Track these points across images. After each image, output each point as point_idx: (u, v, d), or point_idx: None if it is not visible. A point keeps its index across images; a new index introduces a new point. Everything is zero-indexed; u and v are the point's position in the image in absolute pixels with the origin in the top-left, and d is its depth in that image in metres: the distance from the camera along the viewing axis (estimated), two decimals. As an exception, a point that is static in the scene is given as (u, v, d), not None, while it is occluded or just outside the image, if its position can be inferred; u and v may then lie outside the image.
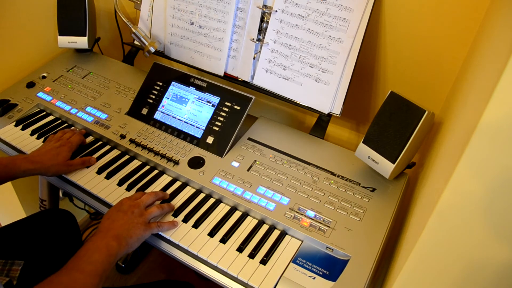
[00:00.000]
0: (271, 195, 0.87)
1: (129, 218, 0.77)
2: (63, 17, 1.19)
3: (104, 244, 0.71)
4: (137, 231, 0.76)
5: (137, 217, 0.78)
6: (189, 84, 1.04)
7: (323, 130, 1.02)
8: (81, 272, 0.65)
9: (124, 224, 0.76)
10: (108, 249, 0.70)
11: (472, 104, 0.54)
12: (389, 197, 0.86)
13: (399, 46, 1.00)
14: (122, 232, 0.74)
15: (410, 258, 0.54)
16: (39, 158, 0.90)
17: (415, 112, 0.78)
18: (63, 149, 0.94)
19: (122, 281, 1.50)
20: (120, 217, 0.77)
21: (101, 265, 0.67)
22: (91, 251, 0.69)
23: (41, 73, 1.22)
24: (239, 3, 1.04)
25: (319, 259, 0.77)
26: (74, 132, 1.02)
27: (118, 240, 0.72)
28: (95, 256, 0.68)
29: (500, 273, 0.48)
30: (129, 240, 0.74)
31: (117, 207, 0.80)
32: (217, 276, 0.76)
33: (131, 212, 0.78)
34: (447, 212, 0.48)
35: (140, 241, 0.77)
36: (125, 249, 0.73)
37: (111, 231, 0.73)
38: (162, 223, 0.82)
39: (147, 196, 0.84)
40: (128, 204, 0.80)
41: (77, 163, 0.94)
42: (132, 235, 0.75)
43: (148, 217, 0.80)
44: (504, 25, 0.56)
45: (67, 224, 1.10)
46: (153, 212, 0.81)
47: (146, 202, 0.82)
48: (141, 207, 0.80)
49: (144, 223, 0.78)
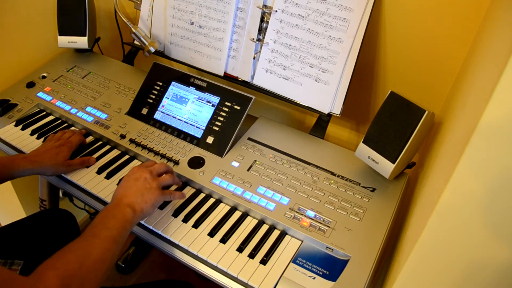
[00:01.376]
0: (271, 195, 0.87)
1: (142, 184, 0.77)
2: (63, 17, 1.19)
3: (119, 211, 0.71)
4: (151, 196, 0.76)
5: (150, 182, 0.78)
6: (189, 84, 1.04)
7: (323, 130, 1.02)
8: (97, 237, 0.65)
9: (138, 190, 0.76)
10: (123, 215, 0.71)
11: (472, 104, 0.54)
12: (389, 197, 0.86)
13: (399, 46, 1.00)
14: (137, 198, 0.74)
15: (410, 258, 0.54)
16: (38, 158, 0.90)
17: (415, 112, 0.78)
18: (63, 148, 0.94)
19: (122, 281, 1.50)
20: (132, 183, 0.77)
21: (116, 230, 0.68)
22: (107, 218, 0.69)
23: (41, 73, 1.22)
24: (239, 3, 1.04)
25: (319, 259, 0.77)
26: (74, 132, 1.02)
27: (133, 207, 0.73)
28: (111, 223, 0.69)
29: (500, 273, 0.48)
30: (143, 205, 0.74)
31: (129, 175, 0.80)
32: (217, 276, 0.76)
33: (143, 178, 0.78)
34: (447, 212, 0.48)
35: (155, 207, 0.78)
36: (140, 215, 0.74)
37: (124, 198, 0.74)
38: (174, 192, 0.83)
39: (159, 165, 0.84)
40: (141, 171, 0.80)
41: (76, 163, 0.94)
42: (147, 200, 0.75)
43: (162, 183, 0.81)
44: (504, 25, 0.56)
45: (67, 224, 1.10)
46: (165, 179, 0.82)
47: (158, 170, 0.83)
48: (154, 173, 0.81)
49: (158, 188, 0.79)
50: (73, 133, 1.00)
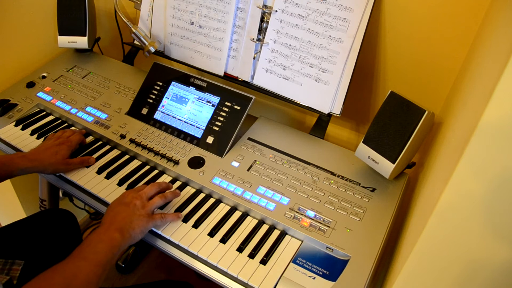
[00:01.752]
0: (271, 195, 0.87)
1: (132, 211, 0.77)
2: (63, 17, 1.19)
3: (107, 236, 0.71)
4: (140, 222, 0.76)
5: (140, 209, 0.78)
6: (189, 84, 1.04)
7: (323, 130, 1.02)
8: (85, 260, 0.66)
9: (127, 216, 0.76)
10: (111, 241, 0.71)
11: (472, 104, 0.54)
12: (389, 197, 0.86)
13: (399, 46, 1.00)
14: (125, 225, 0.74)
15: (410, 258, 0.54)
16: (37, 156, 0.90)
17: (415, 112, 0.78)
18: (62, 147, 0.93)
19: (122, 281, 1.50)
20: (122, 209, 0.77)
21: (104, 255, 0.68)
22: (95, 242, 0.70)
23: (41, 73, 1.22)
24: (239, 3, 1.04)
25: (319, 259, 0.77)
26: (74, 131, 1.02)
27: (121, 232, 0.73)
28: (99, 247, 0.69)
29: (500, 273, 0.48)
30: (131, 232, 0.74)
31: (119, 200, 0.80)
32: (217, 276, 0.76)
33: (133, 204, 0.78)
34: (447, 212, 0.48)
35: (143, 233, 0.77)
36: (128, 241, 0.74)
37: (114, 224, 0.74)
38: (165, 215, 0.82)
39: (149, 187, 0.83)
40: (131, 196, 0.80)
41: (76, 162, 0.94)
42: (135, 227, 0.75)
43: (151, 208, 0.80)
44: (504, 25, 0.56)
45: (67, 224, 1.10)
46: (155, 202, 0.81)
47: (149, 193, 0.82)
48: (144, 198, 0.80)
49: (147, 215, 0.78)
50: (73, 133, 1.00)
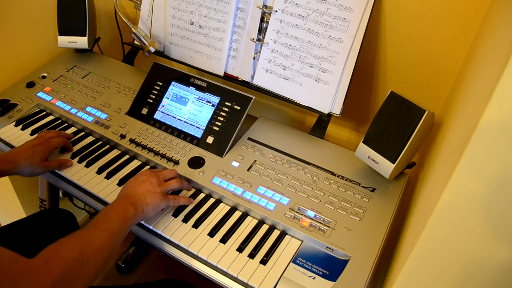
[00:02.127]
0: (271, 195, 0.87)
1: (147, 187, 0.80)
2: (63, 17, 1.19)
3: (121, 208, 0.75)
4: (154, 200, 0.79)
5: (156, 186, 0.81)
6: (189, 84, 1.04)
7: (323, 130, 1.02)
8: (100, 229, 0.69)
9: (142, 193, 0.79)
10: (125, 213, 0.74)
11: (472, 104, 0.54)
12: (389, 197, 0.86)
13: (399, 46, 1.00)
14: (139, 200, 0.77)
15: (410, 258, 0.54)
16: (13, 158, 0.88)
17: (415, 112, 0.78)
18: (39, 148, 0.91)
19: (122, 281, 1.50)
20: (138, 185, 0.80)
21: (118, 226, 0.71)
22: (110, 214, 0.73)
23: (41, 73, 1.22)
24: (239, 3, 1.04)
25: (319, 259, 0.77)
26: (59, 134, 0.99)
27: (135, 206, 0.76)
28: (114, 218, 0.72)
29: (500, 273, 0.48)
30: (145, 207, 0.77)
31: (137, 176, 0.83)
32: (217, 276, 0.76)
33: (149, 182, 0.81)
34: (447, 212, 0.48)
35: (156, 210, 0.80)
36: (141, 215, 0.77)
37: (128, 198, 0.77)
38: (179, 197, 0.85)
39: (168, 171, 0.87)
40: (149, 174, 0.83)
41: (53, 164, 0.93)
42: (149, 202, 0.78)
43: (166, 188, 0.83)
44: (504, 25, 0.56)
45: (67, 224, 1.10)
46: (171, 184, 0.84)
47: (166, 175, 0.85)
48: (160, 178, 0.83)
49: (162, 193, 0.81)
50: (58, 135, 0.98)
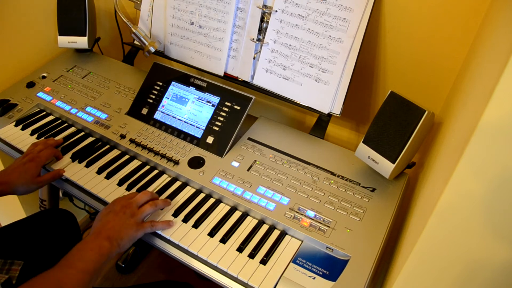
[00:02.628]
0: (271, 195, 0.87)
1: (121, 219, 0.77)
2: (63, 17, 1.19)
3: (96, 244, 0.71)
4: (129, 231, 0.76)
5: (129, 217, 0.78)
6: (189, 84, 1.04)
7: (323, 130, 1.02)
8: (73, 268, 0.66)
9: (116, 225, 0.76)
10: (100, 249, 0.71)
11: (472, 104, 0.54)
12: (389, 197, 0.86)
13: (399, 46, 1.00)
14: (114, 233, 0.74)
15: (410, 258, 0.54)
16: (6, 178, 0.86)
17: (415, 112, 0.78)
18: (30, 165, 0.90)
19: (122, 281, 1.50)
20: (111, 218, 0.77)
21: (92, 263, 0.68)
22: (84, 251, 0.70)
23: (41, 73, 1.22)
24: (239, 3, 1.04)
25: (319, 259, 0.77)
26: (47, 144, 0.97)
27: (110, 241, 0.73)
28: (88, 255, 0.69)
29: (500, 273, 0.48)
30: (120, 241, 0.74)
31: (109, 208, 0.80)
32: (217, 276, 0.76)
33: (122, 212, 0.78)
34: (447, 212, 0.48)
35: (132, 241, 0.77)
36: (116, 249, 0.73)
37: (102, 233, 0.74)
38: (155, 223, 0.81)
39: (140, 195, 0.83)
40: (121, 205, 0.80)
41: (47, 178, 0.92)
42: (123, 236, 0.75)
43: (141, 216, 0.79)
44: (504, 25, 0.56)
45: (67, 224, 1.10)
46: (145, 210, 0.80)
47: (139, 201, 0.82)
48: (134, 206, 0.80)
49: (136, 224, 0.78)
50: (45, 146, 0.96)
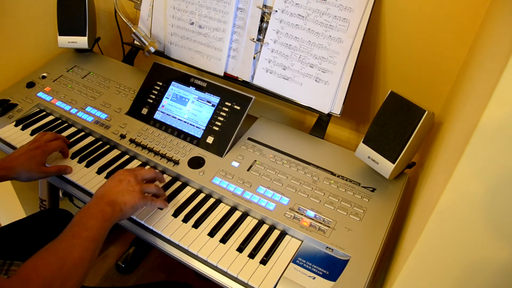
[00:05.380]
0: (271, 195, 0.87)
1: (125, 186, 0.77)
2: (63, 17, 1.19)
3: (98, 210, 0.71)
4: (132, 198, 0.75)
5: (133, 185, 0.77)
6: (189, 84, 1.04)
7: (323, 130, 1.02)
8: (77, 237, 0.65)
9: (119, 191, 0.75)
10: (102, 215, 0.70)
11: (472, 104, 0.54)
12: (389, 197, 0.86)
13: (399, 46, 1.00)
14: (117, 198, 0.74)
15: (410, 258, 0.54)
16: (10, 164, 0.85)
17: (415, 112, 0.78)
18: (37, 152, 0.88)
19: (122, 281, 1.50)
20: (115, 184, 0.77)
21: (96, 230, 0.68)
22: (86, 218, 0.69)
23: (41, 73, 1.22)
24: (239, 3, 1.04)
25: (319, 259, 0.77)
26: (57, 137, 0.96)
27: (112, 206, 0.72)
28: (90, 222, 0.68)
29: (500, 273, 0.48)
30: (123, 206, 0.74)
31: (114, 176, 0.79)
32: (217, 276, 0.76)
33: (127, 181, 0.78)
34: (447, 212, 0.48)
35: (134, 209, 0.76)
36: (119, 214, 0.73)
37: (105, 197, 0.73)
38: (156, 199, 0.82)
39: (146, 170, 0.83)
40: (126, 174, 0.80)
41: (52, 170, 0.90)
42: (127, 201, 0.74)
43: (144, 188, 0.79)
44: (504, 25, 0.56)
45: (67, 224, 1.09)
46: (150, 186, 0.81)
47: (144, 175, 0.82)
48: (138, 177, 0.80)
49: (140, 192, 0.78)
50: (55, 137, 0.95)
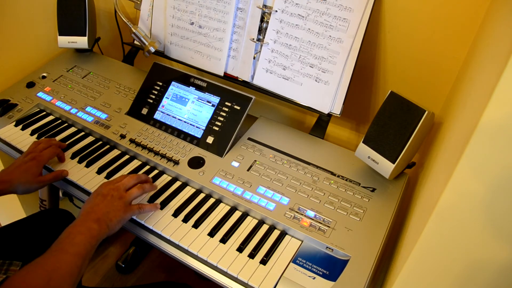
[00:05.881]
0: (271, 195, 0.87)
1: (109, 202, 0.77)
2: (63, 17, 1.19)
3: (85, 227, 0.72)
4: (117, 213, 0.76)
5: (117, 200, 0.78)
6: (189, 84, 1.04)
7: (323, 130, 1.02)
8: (65, 253, 0.66)
9: (104, 207, 0.76)
10: (89, 232, 0.71)
11: (472, 104, 0.54)
12: (389, 197, 0.86)
13: (399, 46, 1.00)
14: (102, 215, 0.75)
15: (410, 258, 0.54)
16: (7, 177, 0.85)
17: (415, 112, 0.78)
18: (32, 164, 0.89)
19: (122, 281, 1.50)
20: (99, 200, 0.77)
21: (83, 246, 0.68)
22: (73, 234, 0.70)
23: (41, 73, 1.22)
24: (239, 3, 1.04)
25: (319, 259, 0.77)
26: (50, 144, 0.96)
27: (99, 223, 0.73)
28: (78, 239, 0.69)
29: (500, 273, 0.48)
30: (109, 223, 0.75)
31: (97, 191, 0.80)
32: (217, 276, 0.76)
33: (110, 195, 0.78)
34: (447, 212, 0.48)
35: (121, 223, 0.77)
36: (106, 231, 0.74)
37: (91, 215, 0.74)
38: (143, 205, 0.82)
39: (127, 178, 0.83)
40: (108, 188, 0.80)
41: (48, 178, 0.91)
42: (112, 218, 0.75)
43: (129, 199, 0.80)
44: (504, 25, 0.56)
45: (67, 224, 1.09)
46: (133, 193, 0.81)
47: (127, 184, 0.82)
48: (121, 189, 0.80)
49: (124, 206, 0.78)
50: (49, 145, 0.95)
